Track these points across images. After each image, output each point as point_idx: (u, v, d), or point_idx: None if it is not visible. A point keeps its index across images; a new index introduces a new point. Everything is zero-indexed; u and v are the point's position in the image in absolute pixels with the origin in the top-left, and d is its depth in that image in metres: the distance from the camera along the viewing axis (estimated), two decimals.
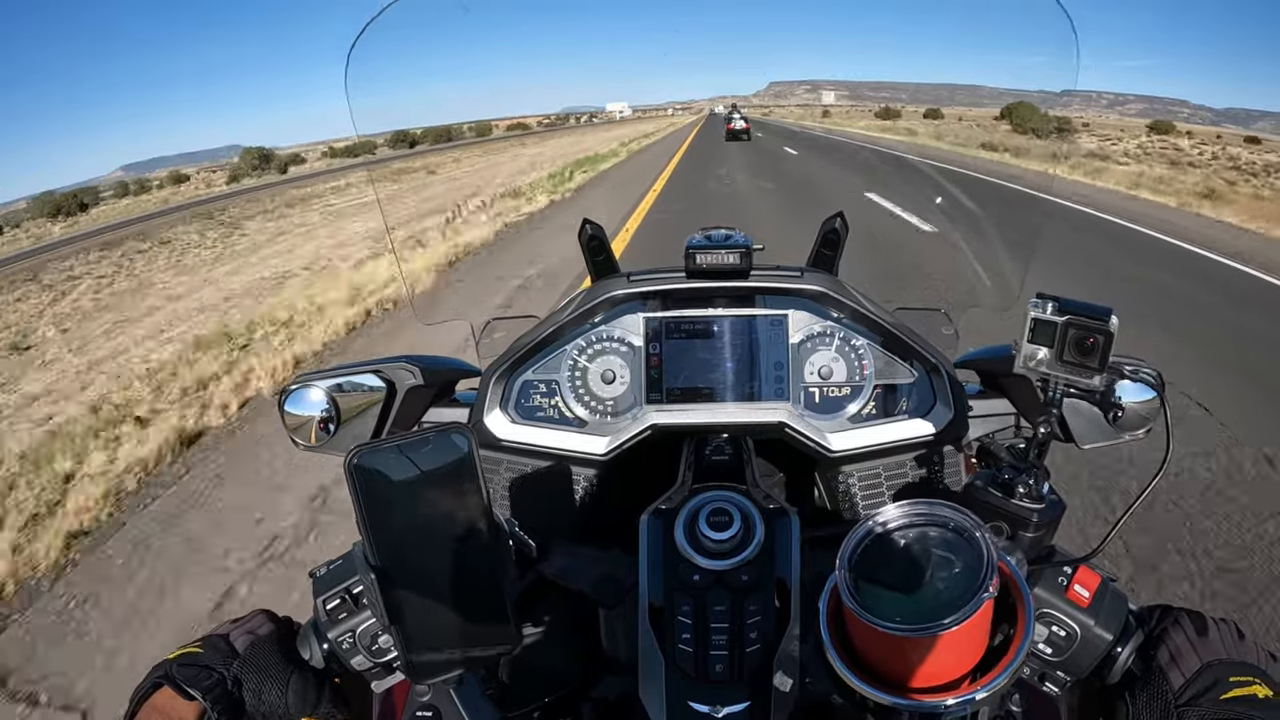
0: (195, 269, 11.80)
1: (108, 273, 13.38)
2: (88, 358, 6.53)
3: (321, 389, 0.90)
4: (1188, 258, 7.28)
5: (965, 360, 0.97)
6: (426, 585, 0.53)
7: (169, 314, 8.09)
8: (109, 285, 11.80)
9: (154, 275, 11.97)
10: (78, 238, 26.22)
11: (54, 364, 6.63)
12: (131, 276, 12.41)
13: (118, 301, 10.01)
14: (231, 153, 76.62)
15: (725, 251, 0.86)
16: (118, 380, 5.20)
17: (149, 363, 5.55)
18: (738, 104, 52.51)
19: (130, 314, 8.68)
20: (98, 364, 6.16)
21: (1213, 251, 7.46)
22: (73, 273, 14.14)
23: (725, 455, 0.81)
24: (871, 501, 0.90)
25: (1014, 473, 0.66)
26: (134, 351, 6.33)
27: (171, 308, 8.48)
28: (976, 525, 0.49)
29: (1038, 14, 0.99)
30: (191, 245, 15.35)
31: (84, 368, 6.15)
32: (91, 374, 5.80)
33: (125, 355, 6.28)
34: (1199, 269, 6.75)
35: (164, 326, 7.34)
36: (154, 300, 9.37)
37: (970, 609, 0.44)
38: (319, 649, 0.65)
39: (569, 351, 0.94)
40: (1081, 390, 0.63)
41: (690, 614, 0.61)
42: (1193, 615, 0.59)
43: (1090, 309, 0.61)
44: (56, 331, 8.41)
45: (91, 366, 6.11)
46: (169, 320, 7.67)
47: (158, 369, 5.22)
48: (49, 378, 6.08)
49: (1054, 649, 0.61)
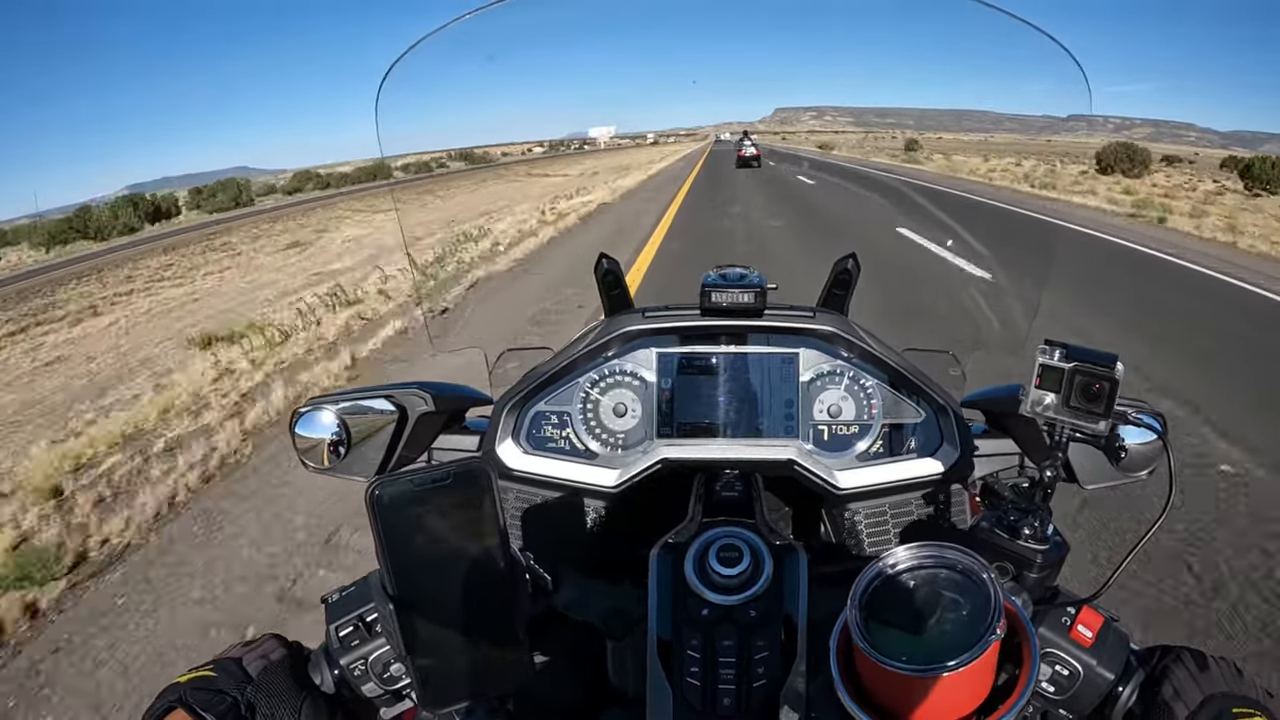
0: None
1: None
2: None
3: (333, 412, 0.91)
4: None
5: (971, 400, 0.98)
6: (443, 616, 0.54)
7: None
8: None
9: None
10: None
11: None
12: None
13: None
14: (239, 174, 70.67)
15: (740, 290, 0.88)
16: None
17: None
18: (748, 130, 52.43)
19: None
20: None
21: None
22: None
23: (735, 491, 0.82)
24: (877, 539, 0.91)
25: (1019, 514, 0.67)
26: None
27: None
28: (984, 568, 0.50)
29: (1041, 47, 1.02)
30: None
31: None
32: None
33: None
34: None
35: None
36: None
37: (977, 651, 0.45)
38: (330, 675, 0.65)
39: (581, 384, 0.95)
40: (1086, 435, 0.64)
41: (699, 648, 0.61)
42: (1194, 653, 0.60)
43: (1097, 356, 0.62)
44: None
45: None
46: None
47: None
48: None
49: (1057, 688, 0.62)
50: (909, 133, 20.62)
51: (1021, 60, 1.12)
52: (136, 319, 9.50)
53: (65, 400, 5.68)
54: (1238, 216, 13.48)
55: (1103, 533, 2.66)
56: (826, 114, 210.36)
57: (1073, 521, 2.70)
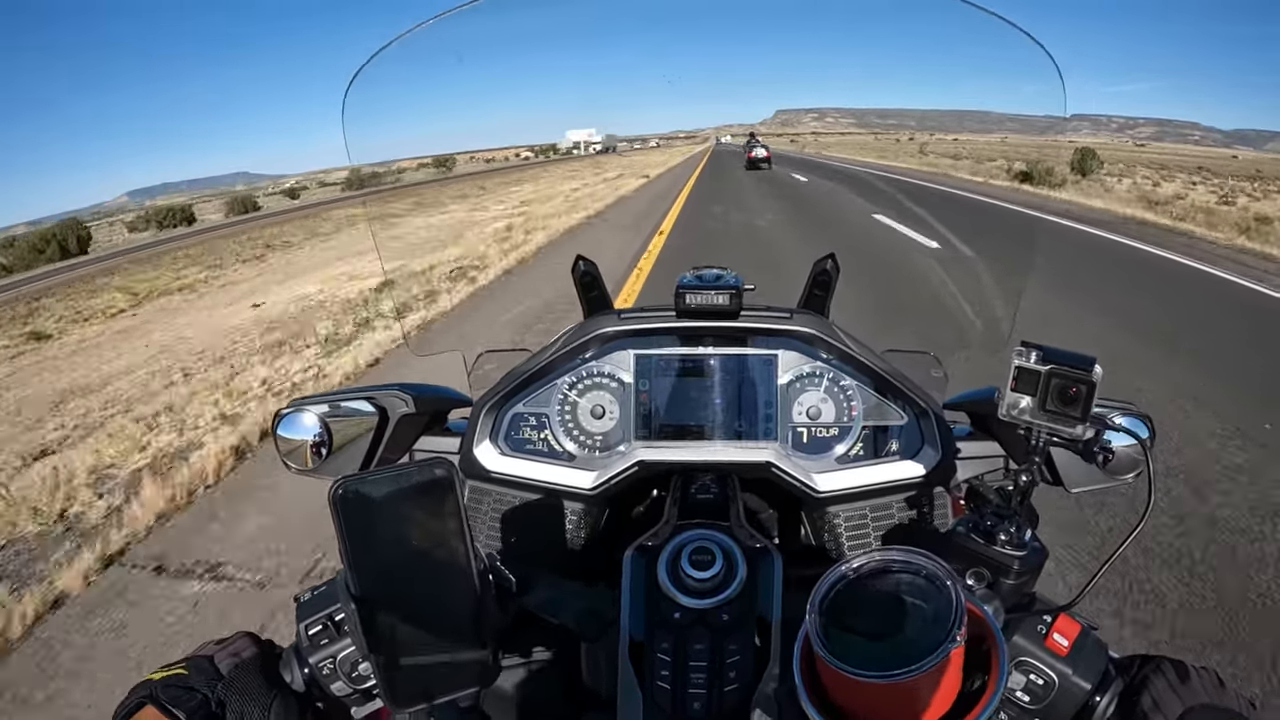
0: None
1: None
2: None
3: (315, 414, 0.91)
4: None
5: (954, 402, 0.97)
6: (407, 616, 0.54)
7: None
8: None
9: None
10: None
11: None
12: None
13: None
14: (239, 180, 66.60)
15: (715, 292, 0.87)
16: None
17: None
18: (754, 132, 52.02)
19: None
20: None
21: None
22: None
23: (711, 494, 0.81)
24: (857, 542, 0.90)
25: (996, 519, 0.66)
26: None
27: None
28: (948, 573, 0.49)
29: (1023, 50, 1.01)
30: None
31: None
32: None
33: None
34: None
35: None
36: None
37: (936, 657, 0.44)
38: (300, 673, 0.65)
39: (560, 386, 0.95)
40: (1064, 439, 0.63)
41: (670, 651, 0.61)
42: (1174, 663, 0.59)
43: (1074, 359, 0.61)
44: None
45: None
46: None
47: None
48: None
49: (1032, 697, 0.61)
50: (908, 133, 20.53)
51: (1009, 60, 1.12)
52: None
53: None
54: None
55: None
56: (828, 115, 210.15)
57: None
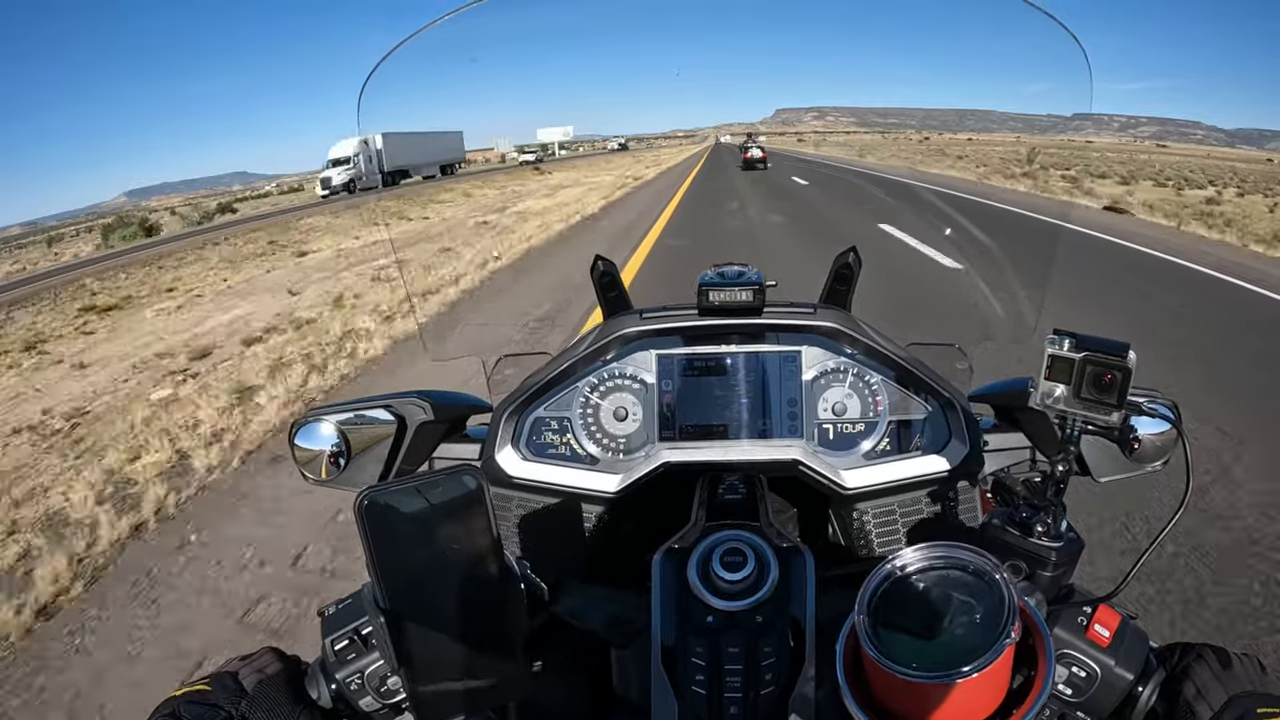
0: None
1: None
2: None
3: (332, 423, 0.90)
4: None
5: (980, 394, 0.96)
6: (436, 628, 0.53)
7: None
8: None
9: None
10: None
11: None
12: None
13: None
14: (237, 180, 67.23)
15: (738, 289, 0.86)
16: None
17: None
18: (752, 133, 51.92)
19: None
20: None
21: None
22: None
23: (739, 494, 0.80)
24: (886, 538, 0.89)
25: (1031, 510, 0.65)
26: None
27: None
28: (996, 568, 0.48)
29: (1046, 39, 1.00)
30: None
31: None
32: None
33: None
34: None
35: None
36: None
37: (991, 656, 0.43)
38: (327, 689, 0.64)
39: (581, 388, 0.94)
40: (1099, 427, 0.62)
41: (704, 656, 0.60)
42: (1216, 651, 0.58)
43: (1108, 345, 0.60)
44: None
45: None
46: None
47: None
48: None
49: (1074, 690, 0.60)
50: (910, 133, 20.52)
51: (1023, 52, 1.11)
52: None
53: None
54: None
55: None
56: (828, 114, 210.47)
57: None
